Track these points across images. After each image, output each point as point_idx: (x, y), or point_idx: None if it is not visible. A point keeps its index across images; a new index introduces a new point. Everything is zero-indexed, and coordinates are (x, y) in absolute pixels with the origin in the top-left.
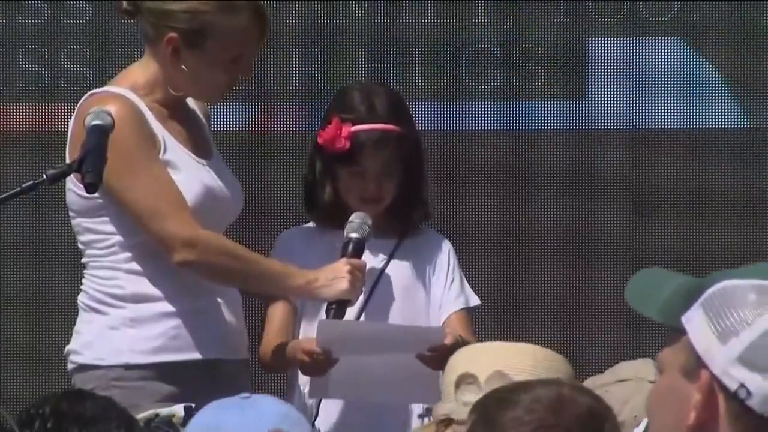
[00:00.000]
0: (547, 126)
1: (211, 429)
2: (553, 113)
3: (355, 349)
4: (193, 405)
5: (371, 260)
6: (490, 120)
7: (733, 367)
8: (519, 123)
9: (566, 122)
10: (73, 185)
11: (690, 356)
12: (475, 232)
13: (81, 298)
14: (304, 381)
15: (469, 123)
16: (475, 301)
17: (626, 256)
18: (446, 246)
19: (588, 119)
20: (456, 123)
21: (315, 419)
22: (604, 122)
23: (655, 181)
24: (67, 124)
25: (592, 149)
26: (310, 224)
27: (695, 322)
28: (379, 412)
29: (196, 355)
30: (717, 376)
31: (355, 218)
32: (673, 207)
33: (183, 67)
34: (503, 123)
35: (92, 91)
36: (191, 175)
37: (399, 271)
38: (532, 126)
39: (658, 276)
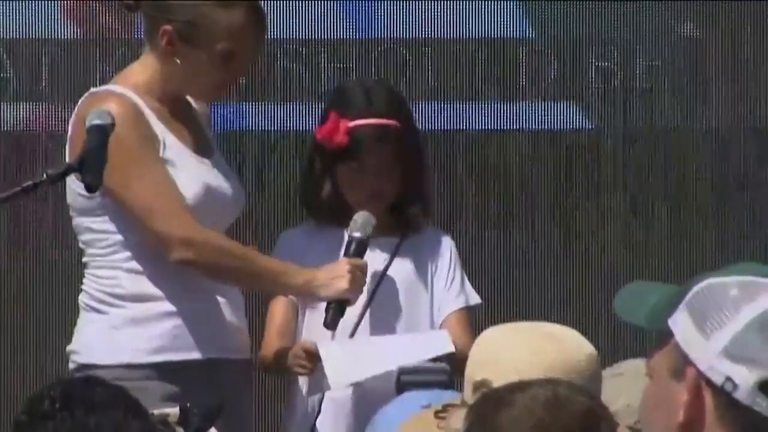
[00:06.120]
0: (547, 125)
1: None
2: (552, 113)
3: (362, 364)
4: (189, 404)
5: (373, 258)
6: (489, 119)
7: (718, 361)
8: (518, 123)
9: (565, 122)
10: (74, 184)
11: (677, 357)
12: (474, 228)
13: (82, 298)
14: (303, 381)
15: (468, 123)
16: (475, 299)
17: (626, 255)
18: (448, 243)
19: (587, 119)
20: (455, 122)
21: (317, 417)
22: (602, 122)
23: (655, 181)
24: (68, 124)
25: (591, 148)
26: (311, 222)
27: (680, 323)
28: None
29: (197, 355)
30: (703, 371)
31: (359, 217)
32: (674, 207)
33: (177, 60)
34: (501, 123)
35: (92, 90)
36: (192, 174)
37: (402, 269)
38: (531, 126)
39: (644, 287)
